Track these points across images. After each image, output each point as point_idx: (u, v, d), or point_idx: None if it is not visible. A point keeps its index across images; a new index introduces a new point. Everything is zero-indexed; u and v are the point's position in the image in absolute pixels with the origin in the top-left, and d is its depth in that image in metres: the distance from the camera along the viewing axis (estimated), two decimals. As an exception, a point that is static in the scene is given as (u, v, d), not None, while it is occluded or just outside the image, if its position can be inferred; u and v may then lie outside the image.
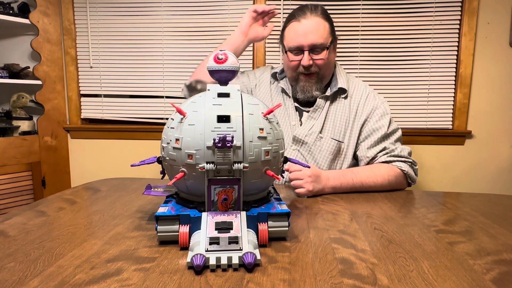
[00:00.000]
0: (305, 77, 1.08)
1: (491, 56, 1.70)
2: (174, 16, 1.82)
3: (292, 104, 1.13)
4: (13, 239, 0.59)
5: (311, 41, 1.03)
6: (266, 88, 1.21)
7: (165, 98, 1.88)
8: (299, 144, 1.09)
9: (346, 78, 1.13)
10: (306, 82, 1.08)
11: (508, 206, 0.85)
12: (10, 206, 1.71)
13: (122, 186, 0.98)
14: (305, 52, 1.04)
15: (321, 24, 1.05)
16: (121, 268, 0.49)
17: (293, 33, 1.06)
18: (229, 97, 0.57)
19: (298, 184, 0.89)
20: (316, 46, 1.04)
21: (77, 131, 1.95)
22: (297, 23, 1.05)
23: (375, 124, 1.07)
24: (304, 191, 0.88)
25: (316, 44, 1.04)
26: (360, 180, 0.95)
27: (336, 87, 1.10)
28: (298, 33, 1.05)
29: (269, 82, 1.22)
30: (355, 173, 0.97)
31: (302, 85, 1.09)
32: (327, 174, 0.93)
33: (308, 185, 0.88)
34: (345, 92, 1.10)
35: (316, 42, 1.03)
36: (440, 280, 0.47)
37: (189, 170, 0.55)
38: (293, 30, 1.06)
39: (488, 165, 1.77)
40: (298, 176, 0.89)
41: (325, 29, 1.05)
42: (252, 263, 0.48)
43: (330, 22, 1.09)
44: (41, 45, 1.79)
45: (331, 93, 1.10)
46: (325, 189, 0.92)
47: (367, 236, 0.63)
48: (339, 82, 1.10)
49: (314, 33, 1.04)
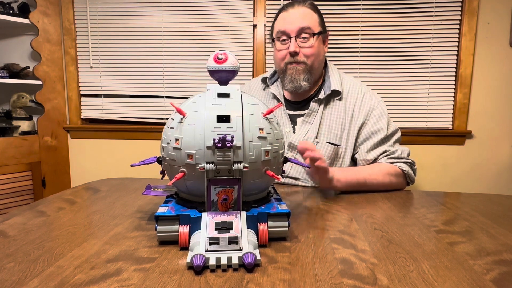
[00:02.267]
0: (292, 65, 1.06)
1: (491, 56, 1.70)
2: (174, 16, 1.82)
3: (284, 111, 1.11)
4: (13, 239, 0.59)
5: (297, 25, 1.03)
6: (258, 96, 1.19)
7: (165, 98, 1.88)
8: (295, 151, 1.06)
9: (339, 78, 1.10)
10: (294, 70, 1.06)
11: (508, 206, 0.85)
12: (10, 206, 1.71)
13: (122, 186, 0.98)
14: (291, 39, 1.04)
15: (309, 12, 1.05)
16: (121, 268, 0.49)
17: (281, 21, 1.06)
18: (229, 97, 0.57)
19: (319, 156, 0.81)
20: (303, 31, 1.03)
21: (77, 131, 1.95)
22: (285, 12, 1.06)
23: (374, 126, 1.05)
24: (326, 165, 0.84)
25: (303, 28, 1.03)
26: (364, 176, 0.95)
27: (329, 90, 1.07)
28: (285, 20, 1.05)
29: (260, 88, 1.20)
30: (357, 170, 0.97)
31: (289, 74, 1.07)
32: (332, 169, 0.92)
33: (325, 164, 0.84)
34: (339, 94, 1.07)
35: (303, 26, 1.03)
36: (440, 280, 0.47)
37: (189, 170, 0.55)
38: (281, 18, 1.07)
39: (488, 165, 1.77)
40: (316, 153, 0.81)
41: (313, 17, 1.06)
42: (252, 263, 0.48)
43: (319, 14, 1.08)
44: (41, 45, 1.79)
45: (324, 96, 1.07)
46: (334, 179, 0.90)
47: (367, 236, 0.63)
48: (332, 84, 1.07)
49: (301, 19, 1.04)
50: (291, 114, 1.12)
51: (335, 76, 1.10)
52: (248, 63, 1.81)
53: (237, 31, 1.79)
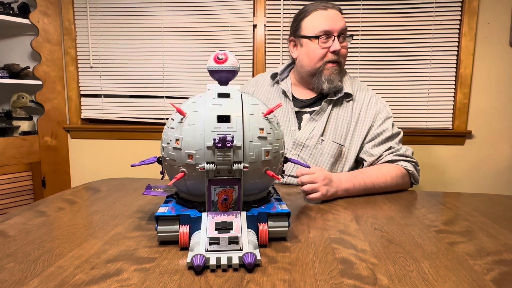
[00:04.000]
0: (332, 65, 1.06)
1: (491, 56, 1.70)
2: (174, 16, 1.81)
3: (292, 108, 1.11)
4: (13, 239, 0.59)
5: (341, 25, 1.04)
6: (265, 91, 1.19)
7: (165, 98, 1.88)
8: (299, 148, 1.07)
9: (350, 81, 1.12)
10: (332, 70, 1.06)
11: (508, 206, 0.85)
12: (10, 206, 1.71)
13: (122, 186, 0.98)
14: (335, 38, 1.04)
15: (342, 16, 1.08)
16: (121, 269, 0.49)
17: (322, 18, 1.05)
18: (229, 97, 0.57)
19: (312, 188, 0.83)
20: (344, 31, 1.05)
21: (77, 131, 1.95)
22: (324, 11, 1.06)
23: (379, 128, 1.06)
24: (319, 195, 0.82)
25: (344, 28, 1.05)
26: (371, 180, 0.93)
27: (341, 92, 1.08)
28: (328, 18, 1.05)
29: (268, 84, 1.20)
30: (365, 174, 0.94)
31: (326, 74, 1.06)
32: (339, 176, 0.90)
33: (322, 189, 0.83)
34: (350, 96, 1.09)
35: (344, 27, 1.05)
36: (440, 280, 0.47)
37: (189, 170, 0.55)
38: (320, 16, 1.06)
39: (488, 165, 1.77)
40: (311, 179, 0.83)
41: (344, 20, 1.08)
42: (252, 263, 0.48)
43: None
44: (41, 45, 1.79)
45: (337, 97, 1.08)
46: (338, 192, 0.87)
47: (367, 236, 0.63)
48: (344, 86, 1.09)
49: (341, 20, 1.06)
50: (297, 111, 1.13)
51: (346, 79, 1.12)
52: (248, 63, 1.81)
53: (237, 31, 1.79)
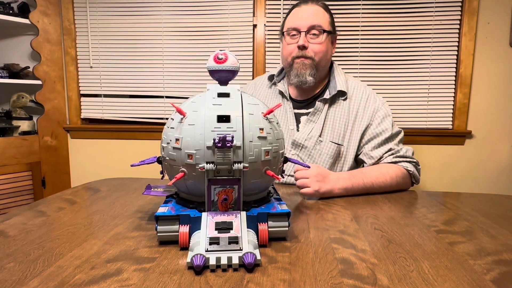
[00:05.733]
0: (300, 60, 1.07)
1: (491, 56, 1.70)
2: (174, 16, 1.81)
3: (290, 109, 1.12)
4: (13, 239, 0.59)
5: (309, 22, 1.05)
6: (263, 93, 1.20)
7: (165, 98, 1.88)
8: (298, 149, 1.07)
9: (344, 79, 1.11)
10: (301, 65, 1.07)
11: (508, 206, 0.85)
12: (10, 206, 1.71)
13: (122, 186, 0.98)
14: (301, 33, 1.05)
15: (321, 11, 1.08)
16: (121, 268, 0.49)
17: (293, 16, 1.09)
18: (229, 97, 0.57)
19: (303, 183, 0.86)
20: (314, 27, 1.05)
21: (77, 131, 1.95)
22: (298, 8, 1.09)
23: (378, 127, 1.05)
24: (310, 191, 0.85)
25: (314, 25, 1.05)
26: (371, 180, 0.93)
27: (335, 90, 1.08)
28: (297, 15, 1.07)
29: (266, 86, 1.21)
30: (364, 173, 0.95)
31: (296, 68, 1.08)
32: (337, 175, 0.91)
33: (314, 185, 0.85)
34: (345, 94, 1.08)
35: (314, 23, 1.05)
36: (440, 280, 0.47)
37: (189, 170, 0.55)
38: (293, 14, 1.09)
39: (488, 165, 1.77)
40: (304, 175, 0.86)
41: (325, 16, 1.08)
42: (252, 263, 0.48)
43: (330, 15, 1.10)
44: (41, 45, 1.79)
45: (330, 96, 1.08)
46: (335, 190, 0.88)
47: (367, 236, 0.63)
48: (337, 84, 1.08)
49: (313, 16, 1.06)
50: (296, 112, 1.13)
51: (340, 76, 1.12)
52: (248, 63, 1.81)
53: (237, 31, 1.79)
